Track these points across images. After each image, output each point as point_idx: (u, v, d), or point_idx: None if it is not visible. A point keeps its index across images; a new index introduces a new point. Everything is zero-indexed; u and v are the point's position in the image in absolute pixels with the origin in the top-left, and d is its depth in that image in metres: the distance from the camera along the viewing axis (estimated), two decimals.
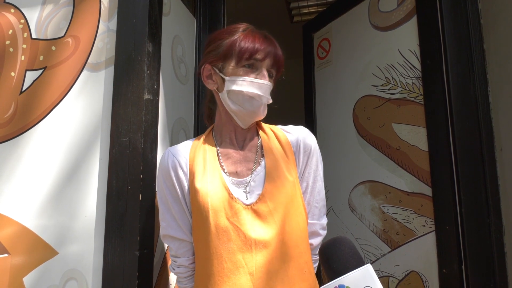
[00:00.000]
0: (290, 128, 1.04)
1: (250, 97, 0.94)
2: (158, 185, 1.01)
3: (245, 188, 0.96)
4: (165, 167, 0.99)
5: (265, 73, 0.95)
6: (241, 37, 0.95)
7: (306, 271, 0.94)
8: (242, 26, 0.99)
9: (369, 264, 0.75)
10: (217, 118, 1.05)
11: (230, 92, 0.95)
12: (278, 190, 0.94)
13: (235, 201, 0.93)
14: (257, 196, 0.94)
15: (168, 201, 0.98)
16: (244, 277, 0.89)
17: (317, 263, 1.04)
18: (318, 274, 1.02)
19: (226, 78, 0.96)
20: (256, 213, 0.93)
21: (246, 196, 0.94)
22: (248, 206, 0.93)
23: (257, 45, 0.94)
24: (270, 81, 0.97)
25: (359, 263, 0.78)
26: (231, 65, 0.95)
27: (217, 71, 0.98)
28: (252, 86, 0.94)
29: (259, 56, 0.94)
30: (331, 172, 1.93)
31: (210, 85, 1.01)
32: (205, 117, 1.13)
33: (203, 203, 0.92)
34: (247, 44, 0.94)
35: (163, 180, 0.99)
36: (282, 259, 0.91)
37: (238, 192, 0.95)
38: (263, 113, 0.99)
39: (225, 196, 0.93)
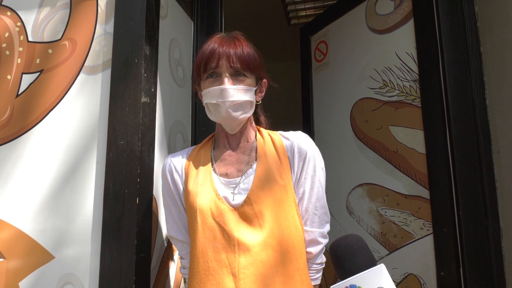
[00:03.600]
0: (288, 133, 1.05)
1: (216, 105, 0.97)
2: (162, 189, 1.07)
3: (233, 189, 0.97)
4: (164, 172, 1.05)
5: (225, 78, 0.95)
6: (199, 52, 0.99)
7: (297, 279, 0.92)
8: (210, 39, 1.00)
9: (382, 264, 0.73)
10: (216, 125, 1.09)
11: (206, 105, 1.00)
12: (265, 193, 0.94)
13: (222, 202, 0.95)
14: (244, 198, 0.94)
15: (169, 204, 1.04)
16: (227, 277, 0.90)
17: (320, 273, 1.01)
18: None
19: (202, 93, 1.00)
20: (242, 215, 0.94)
21: (233, 197, 0.96)
22: (235, 208, 0.94)
23: (207, 54, 0.96)
24: (238, 82, 0.96)
25: (372, 262, 0.76)
26: (201, 81, 1.00)
27: (198, 89, 1.04)
28: (213, 95, 0.96)
29: (212, 64, 0.96)
30: (328, 175, 1.92)
31: (203, 102, 1.03)
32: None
33: (192, 203, 0.96)
34: (200, 58, 0.97)
35: (163, 184, 1.05)
36: (269, 264, 0.90)
37: (226, 193, 0.97)
38: (237, 115, 0.97)
39: (212, 196, 0.95)
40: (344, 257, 0.77)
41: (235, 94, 0.95)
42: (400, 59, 1.61)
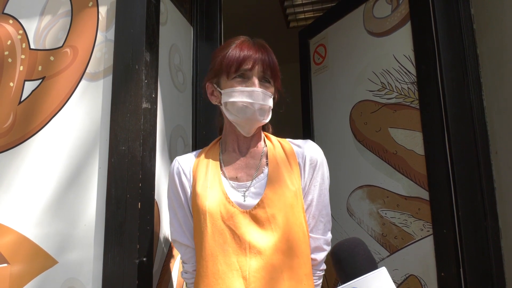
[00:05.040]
0: (298, 141, 1.06)
1: (244, 106, 0.96)
2: (167, 192, 1.06)
3: (244, 192, 0.97)
4: (171, 174, 1.05)
5: (255, 81, 0.97)
6: (230, 51, 0.98)
7: (305, 284, 0.94)
8: (237, 40, 1.02)
9: (383, 267, 0.73)
10: (223, 129, 1.09)
11: (227, 104, 0.99)
12: (278, 197, 0.95)
13: (232, 205, 0.95)
14: (257, 201, 0.95)
15: (174, 207, 1.03)
16: (238, 281, 0.90)
17: (321, 280, 1.03)
18: None
19: (222, 91, 1.00)
20: (254, 218, 0.94)
21: (244, 198, 0.96)
22: (247, 211, 0.95)
23: (242, 56, 0.97)
24: (265, 87, 0.99)
25: (373, 265, 0.76)
26: (224, 79, 0.99)
27: (216, 86, 1.02)
28: (242, 95, 0.96)
29: (246, 66, 0.97)
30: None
31: (213, 101, 1.05)
32: (218, 131, 1.16)
33: (201, 206, 0.96)
34: (233, 57, 0.97)
35: (170, 187, 1.05)
36: (280, 268, 0.91)
37: (236, 196, 0.97)
38: (261, 119, 0.99)
39: (221, 199, 0.96)
40: (345, 261, 0.78)
41: (265, 98, 0.98)
42: (398, 61, 1.63)
